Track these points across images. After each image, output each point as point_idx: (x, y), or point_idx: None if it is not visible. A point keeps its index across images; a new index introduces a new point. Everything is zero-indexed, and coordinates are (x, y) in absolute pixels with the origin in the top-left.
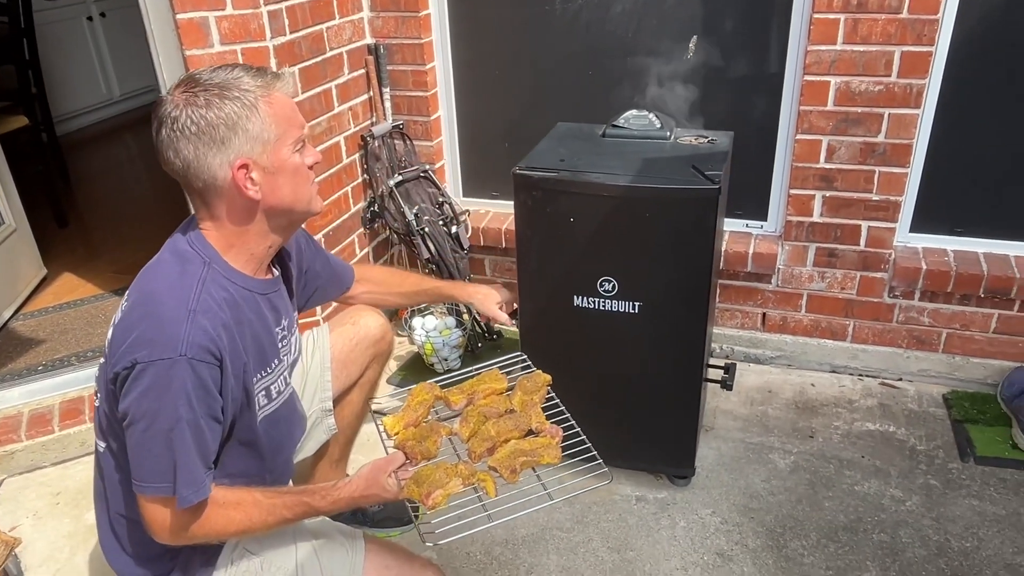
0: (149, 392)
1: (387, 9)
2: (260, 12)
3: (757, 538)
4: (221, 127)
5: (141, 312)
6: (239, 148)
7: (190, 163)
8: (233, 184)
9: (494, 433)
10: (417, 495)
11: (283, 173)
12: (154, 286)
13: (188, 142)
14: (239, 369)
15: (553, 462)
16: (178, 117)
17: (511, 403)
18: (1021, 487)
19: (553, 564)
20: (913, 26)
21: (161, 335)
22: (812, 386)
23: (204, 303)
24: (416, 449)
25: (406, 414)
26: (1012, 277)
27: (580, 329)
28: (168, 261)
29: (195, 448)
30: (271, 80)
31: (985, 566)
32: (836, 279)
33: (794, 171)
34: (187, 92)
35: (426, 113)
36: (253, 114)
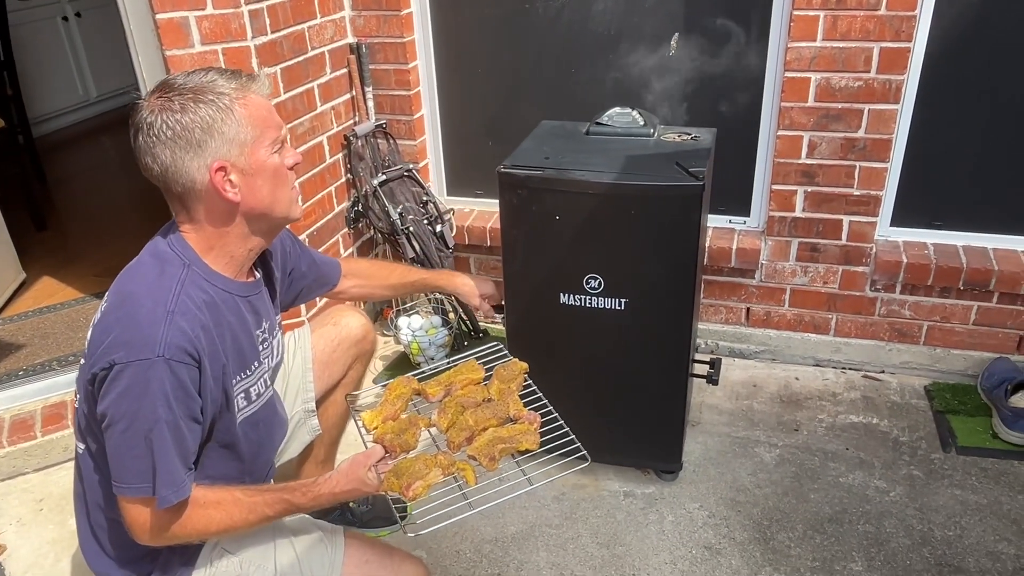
0: (127, 393)
1: (369, 8)
2: (241, 12)
3: (744, 531)
4: (197, 130)
5: (119, 313)
6: (216, 151)
7: (168, 168)
8: (211, 187)
9: (472, 422)
10: (397, 487)
11: (261, 175)
12: (132, 287)
13: (164, 147)
14: (218, 371)
15: (532, 448)
16: (153, 123)
17: (488, 392)
18: (1002, 476)
19: (543, 560)
20: (891, 22)
21: (139, 336)
22: (796, 380)
23: (183, 304)
24: (395, 442)
25: (384, 408)
26: (991, 269)
27: (567, 327)
28: (147, 263)
29: (175, 448)
30: (246, 82)
31: (968, 554)
32: (819, 273)
33: (776, 167)
34: (162, 97)
35: (409, 112)
36: (228, 116)
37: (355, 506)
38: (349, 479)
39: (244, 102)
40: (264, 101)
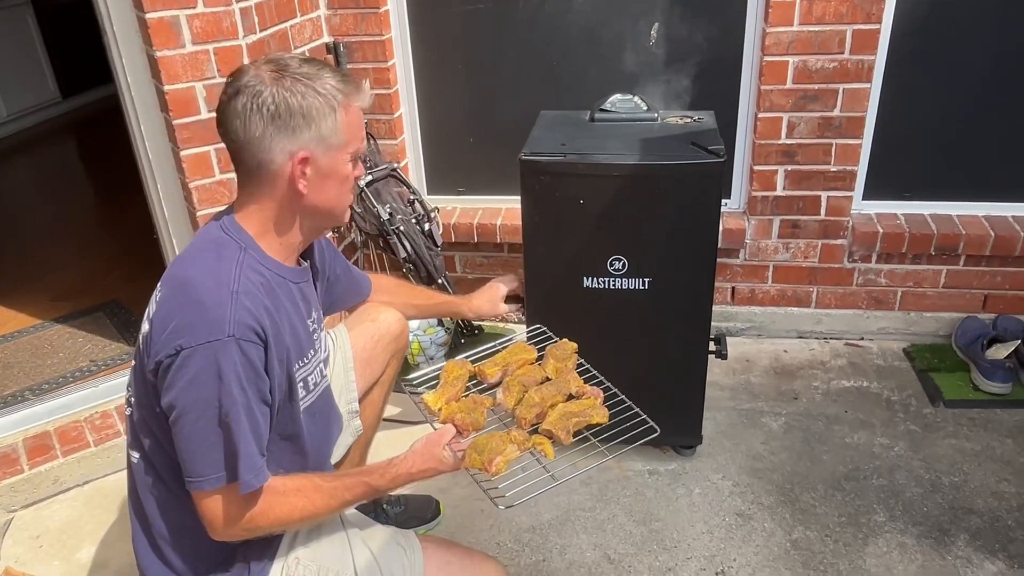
0: (197, 379)
1: (345, 6)
2: (232, 9)
3: (769, 496)
4: (299, 116)
5: (180, 299)
6: (306, 142)
7: (253, 139)
8: (288, 173)
9: (538, 399)
10: (479, 463)
11: (334, 179)
12: (190, 272)
13: (262, 120)
14: (283, 353)
15: (603, 421)
16: (261, 91)
17: (545, 371)
18: (989, 423)
19: (584, 543)
20: (862, 5)
21: (205, 318)
22: (785, 352)
23: (245, 284)
24: (467, 420)
25: (445, 390)
26: (958, 234)
27: (589, 310)
28: (202, 248)
29: (251, 433)
30: (354, 89)
31: (976, 496)
32: (799, 249)
33: (757, 148)
34: (277, 72)
35: (389, 111)
36: (331, 116)
37: (388, 507)
38: (426, 458)
39: (347, 107)
40: (360, 113)
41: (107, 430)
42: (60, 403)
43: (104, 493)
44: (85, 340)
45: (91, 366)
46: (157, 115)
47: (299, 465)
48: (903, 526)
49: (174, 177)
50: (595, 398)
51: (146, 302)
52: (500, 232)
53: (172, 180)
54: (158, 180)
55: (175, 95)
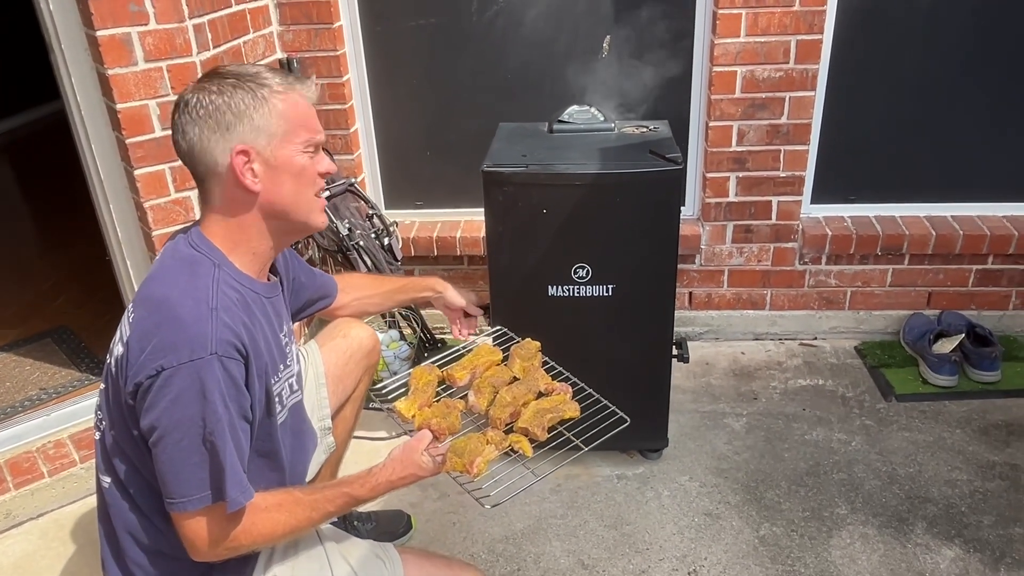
0: (181, 399)
1: (298, 22)
2: (185, 26)
3: (735, 494)
4: (228, 113)
5: (158, 318)
6: (242, 135)
7: (194, 146)
8: (231, 170)
9: (510, 399)
10: (460, 466)
11: (286, 171)
12: (165, 291)
13: (194, 125)
14: (262, 368)
15: (575, 415)
16: (189, 100)
17: (512, 371)
18: (939, 415)
19: (558, 550)
20: (805, 17)
21: (186, 337)
22: (743, 354)
23: (223, 300)
24: (443, 424)
25: (417, 396)
26: (902, 235)
27: (555, 318)
28: (173, 266)
29: (235, 450)
30: (293, 81)
31: (930, 485)
32: (753, 253)
33: (709, 156)
34: (205, 80)
35: (344, 126)
36: (262, 106)
37: (359, 524)
38: (405, 465)
39: (284, 97)
40: (306, 104)
41: (61, 459)
42: (10, 434)
43: (60, 525)
44: (33, 368)
45: (41, 394)
46: (108, 134)
47: (276, 482)
48: (864, 517)
49: (127, 197)
50: (564, 393)
51: (96, 327)
52: (460, 244)
53: (125, 200)
54: (110, 201)
55: (128, 113)
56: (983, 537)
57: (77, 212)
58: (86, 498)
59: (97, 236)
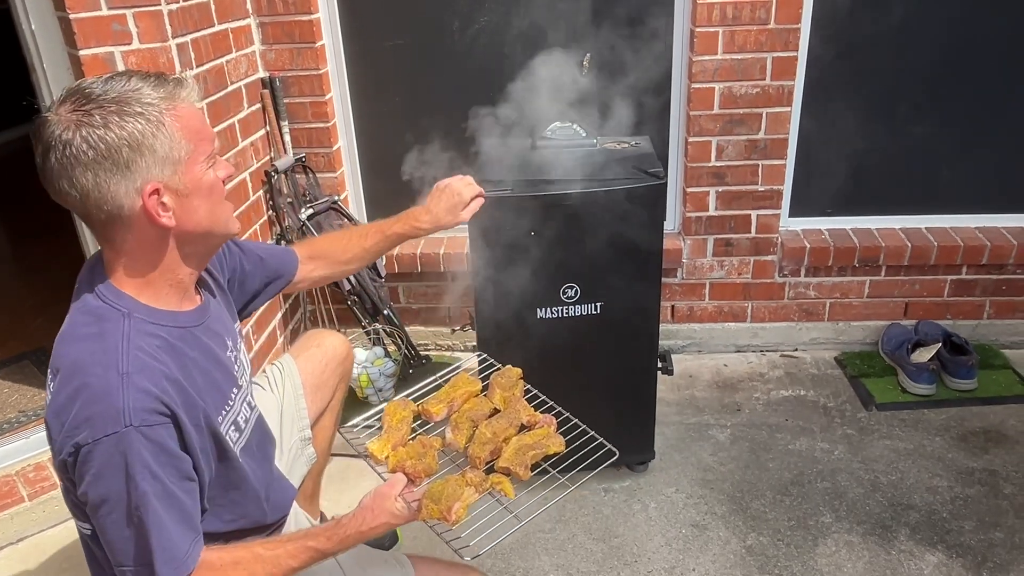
0: (103, 475)
1: (280, 41)
2: (169, 45)
3: (722, 505)
4: (124, 149)
5: (69, 391)
6: (147, 171)
7: (89, 192)
8: (143, 213)
9: (490, 435)
10: (437, 513)
11: (198, 194)
12: (74, 357)
13: (86, 169)
14: (198, 419)
15: (560, 450)
16: (71, 140)
17: (492, 403)
18: (918, 423)
19: (547, 564)
20: (780, 35)
21: (97, 411)
22: (725, 366)
23: (136, 360)
24: (418, 467)
25: (390, 435)
26: (879, 246)
27: (543, 339)
28: (81, 323)
29: (170, 519)
30: (174, 89)
31: (913, 492)
32: (733, 266)
33: (688, 171)
34: (78, 110)
35: (327, 144)
36: (159, 131)
37: None
38: (376, 513)
39: (175, 113)
40: (195, 110)
41: (42, 483)
42: None
43: (42, 550)
44: (12, 390)
45: (20, 417)
46: None
47: (253, 504)
48: (849, 525)
49: None
50: (548, 426)
51: None
52: (443, 261)
53: None
54: None
55: None
56: (965, 542)
57: (55, 233)
58: (67, 521)
59: (76, 257)
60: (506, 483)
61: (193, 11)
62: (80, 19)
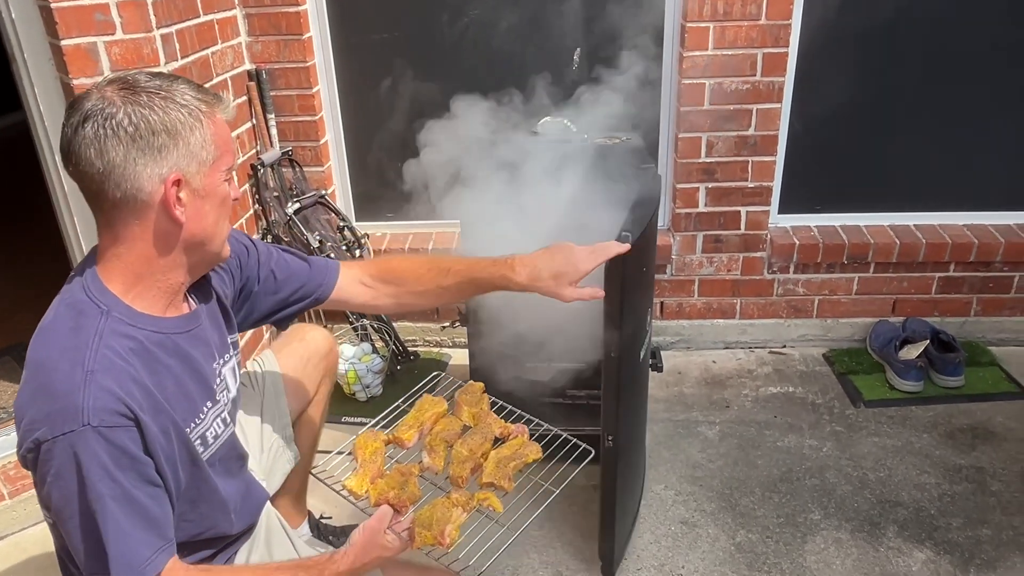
0: (61, 474)
1: (267, 33)
2: (153, 36)
3: (710, 502)
4: (162, 133)
5: (34, 385)
6: (176, 161)
7: (114, 167)
8: (162, 201)
9: (467, 453)
10: (431, 539)
11: (212, 200)
12: (46, 351)
13: (120, 143)
14: (166, 424)
15: (538, 457)
16: (114, 114)
17: (462, 420)
18: (906, 420)
19: (535, 562)
20: (771, 31)
21: (58, 407)
22: (714, 363)
23: (103, 359)
24: (402, 496)
25: (366, 468)
26: (868, 243)
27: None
28: (61, 316)
29: (129, 524)
30: (213, 100)
31: (900, 489)
32: (723, 262)
33: (679, 167)
34: (125, 89)
35: (314, 138)
36: (197, 127)
37: (333, 538)
38: (368, 549)
39: (212, 118)
40: (226, 126)
41: (22, 480)
42: None
43: (22, 548)
44: None
45: (0, 413)
46: None
47: (224, 518)
48: (837, 522)
49: None
50: (522, 435)
51: None
52: None
53: (90, 215)
54: (75, 215)
55: None
56: (952, 539)
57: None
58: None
59: (58, 251)
60: (492, 498)
61: (178, 1)
62: (62, 8)
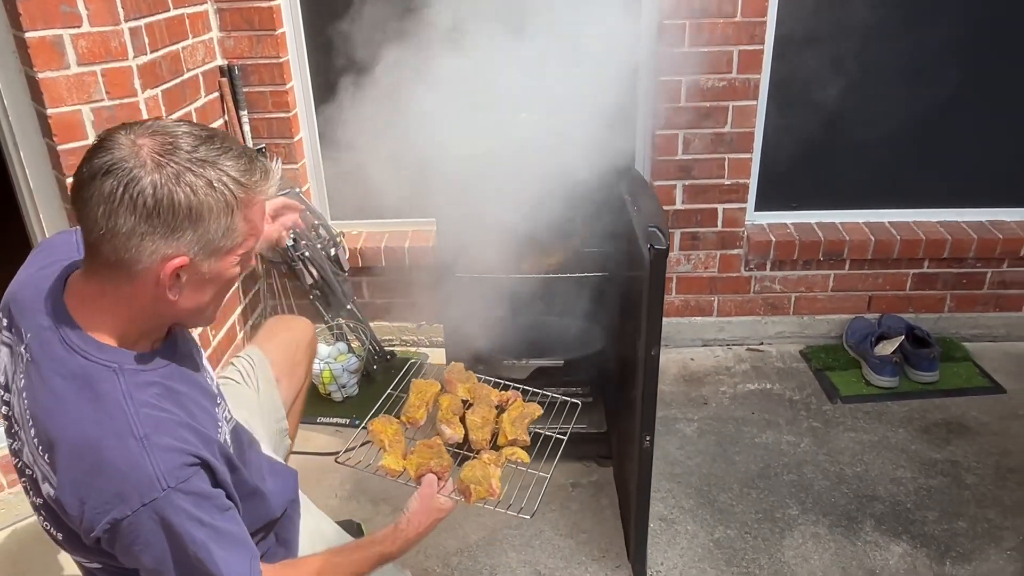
0: (151, 541)
1: (239, 28)
2: (121, 29)
3: (689, 499)
4: (183, 215)
5: (83, 467)
6: (187, 245)
7: (117, 234)
8: (155, 280)
9: (481, 420)
10: (484, 492)
11: (215, 283)
12: (76, 431)
13: (132, 214)
14: (215, 452)
15: (540, 413)
16: (139, 179)
17: (459, 395)
18: (882, 416)
19: (514, 561)
20: (746, 28)
21: (128, 484)
22: (692, 360)
23: (147, 419)
24: (443, 464)
25: (394, 448)
26: (843, 240)
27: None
28: (69, 390)
29: (228, 554)
30: (260, 180)
31: (877, 483)
32: (700, 260)
33: (656, 164)
34: (160, 155)
35: (288, 135)
36: (223, 217)
37: None
38: (428, 512)
39: (247, 204)
40: (264, 205)
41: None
42: None
43: None
44: None
45: None
46: (39, 141)
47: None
48: (815, 517)
49: (59, 207)
50: (517, 399)
51: None
52: (408, 255)
53: (57, 211)
54: (41, 212)
55: (59, 119)
56: (929, 532)
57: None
58: (14, 525)
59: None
60: (519, 451)
61: None
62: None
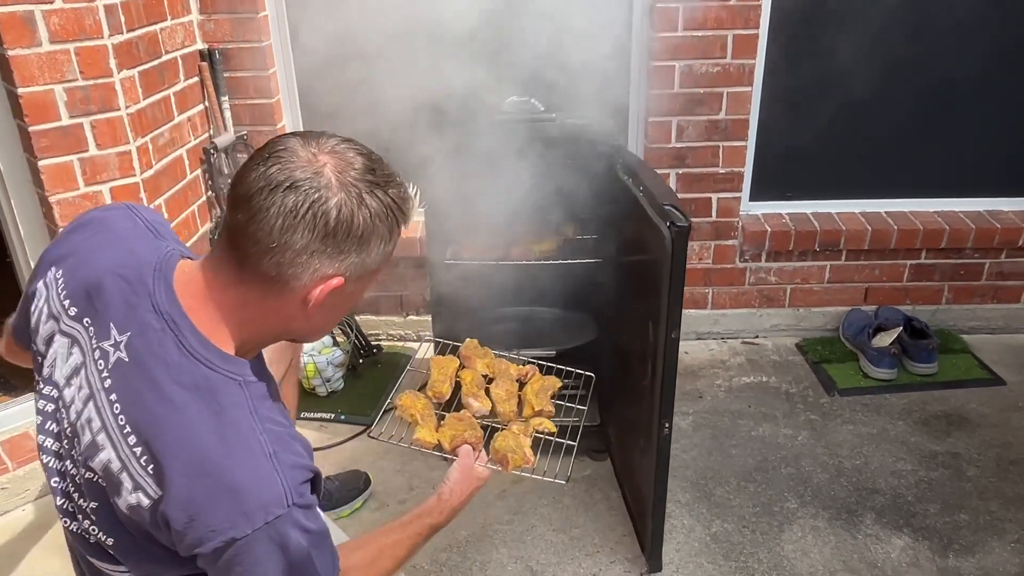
0: (261, 559)
1: (220, 11)
2: (96, 6)
3: (685, 493)
4: (356, 237)
5: (205, 485)
6: (347, 266)
7: (287, 250)
8: (302, 297)
9: (505, 394)
10: (520, 460)
11: (348, 304)
12: (198, 445)
13: (310, 232)
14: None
15: (559, 385)
16: (327, 199)
17: (478, 370)
18: (880, 408)
19: (504, 556)
20: (741, 12)
21: (256, 504)
22: (686, 354)
23: (273, 435)
24: (475, 436)
25: (427, 422)
26: (839, 230)
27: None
28: (191, 401)
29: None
30: (411, 208)
31: (877, 476)
32: (694, 251)
33: (649, 152)
34: (343, 171)
35: (271, 122)
36: (385, 242)
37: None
38: (469, 481)
39: (400, 235)
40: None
41: None
42: None
43: None
44: None
45: None
46: (8, 121)
47: None
48: (814, 511)
49: (30, 191)
50: (536, 372)
51: None
52: None
53: (28, 195)
54: (11, 195)
55: (31, 99)
56: (930, 525)
57: None
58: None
59: None
60: (546, 421)
61: None
62: None
